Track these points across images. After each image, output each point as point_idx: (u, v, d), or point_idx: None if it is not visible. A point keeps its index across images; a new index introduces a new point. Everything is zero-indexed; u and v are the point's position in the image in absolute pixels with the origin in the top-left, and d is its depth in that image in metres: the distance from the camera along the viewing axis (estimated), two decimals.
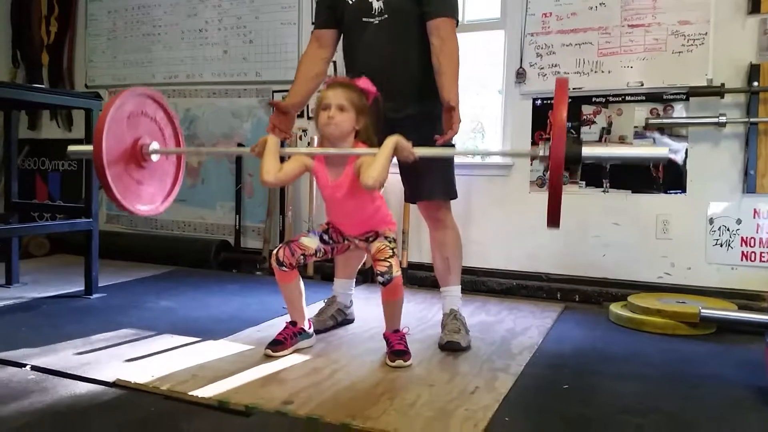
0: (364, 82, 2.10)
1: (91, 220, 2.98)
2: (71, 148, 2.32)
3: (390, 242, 2.11)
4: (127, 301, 2.91)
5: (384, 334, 2.16)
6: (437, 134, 2.09)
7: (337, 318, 2.54)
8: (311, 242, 2.16)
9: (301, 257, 2.14)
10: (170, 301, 2.96)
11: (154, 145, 2.20)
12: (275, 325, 2.40)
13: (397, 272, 2.04)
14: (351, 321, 2.62)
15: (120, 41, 4.37)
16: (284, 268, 2.13)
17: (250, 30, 3.96)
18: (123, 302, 2.89)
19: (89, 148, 2.10)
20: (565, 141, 1.65)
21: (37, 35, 4.56)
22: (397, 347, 2.08)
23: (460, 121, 2.11)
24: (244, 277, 3.69)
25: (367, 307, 2.76)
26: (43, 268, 3.67)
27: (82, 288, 3.01)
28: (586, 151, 1.74)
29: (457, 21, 2.27)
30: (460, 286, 2.44)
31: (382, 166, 1.91)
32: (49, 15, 4.53)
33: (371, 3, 2.26)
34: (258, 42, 3.94)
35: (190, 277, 3.59)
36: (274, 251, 2.14)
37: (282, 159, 2.09)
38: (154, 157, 2.20)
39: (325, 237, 2.20)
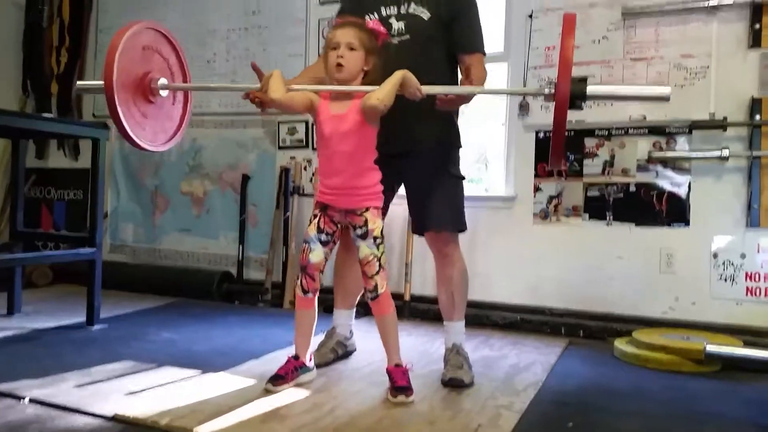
0: (374, 23, 2.10)
1: (94, 249, 2.99)
2: (80, 83, 2.36)
3: (377, 248, 2.09)
4: (129, 333, 2.90)
5: (387, 369, 2.13)
6: (453, 162, 2.06)
7: (338, 351, 2.51)
8: (318, 255, 2.16)
9: (320, 274, 2.17)
10: (171, 332, 2.94)
11: (163, 81, 2.22)
12: (277, 358, 2.38)
13: (383, 288, 2.08)
14: (352, 352, 2.60)
15: None
16: (310, 295, 2.17)
17: (258, 61, 3.99)
18: (124, 333, 2.88)
19: (99, 82, 2.12)
20: (571, 78, 1.65)
21: (47, 65, 4.62)
22: (399, 383, 2.05)
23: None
24: (246, 309, 3.68)
25: (368, 341, 2.74)
26: (46, 298, 3.67)
27: (84, 318, 3.00)
28: (591, 88, 1.75)
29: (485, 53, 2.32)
30: (464, 321, 2.41)
31: (388, 90, 1.93)
32: (59, 45, 4.61)
33: (391, 24, 2.27)
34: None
35: (192, 308, 3.57)
36: (298, 283, 2.18)
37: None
38: (163, 93, 2.22)
39: (322, 237, 2.16)
